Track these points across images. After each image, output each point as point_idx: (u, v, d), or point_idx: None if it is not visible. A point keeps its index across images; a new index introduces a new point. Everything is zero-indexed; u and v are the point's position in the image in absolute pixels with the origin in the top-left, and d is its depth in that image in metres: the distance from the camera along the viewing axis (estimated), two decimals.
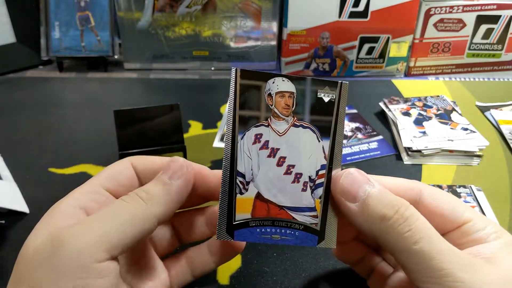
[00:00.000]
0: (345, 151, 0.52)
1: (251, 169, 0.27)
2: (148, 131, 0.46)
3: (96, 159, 0.50)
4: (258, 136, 0.27)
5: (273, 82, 0.27)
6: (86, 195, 0.27)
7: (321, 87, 0.28)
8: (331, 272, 0.36)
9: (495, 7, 0.68)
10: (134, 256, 0.29)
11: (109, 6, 0.70)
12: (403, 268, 0.25)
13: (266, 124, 0.27)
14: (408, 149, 0.51)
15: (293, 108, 0.28)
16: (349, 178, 0.26)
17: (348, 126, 0.56)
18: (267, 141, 0.27)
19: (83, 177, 0.48)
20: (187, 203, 0.29)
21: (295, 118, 0.28)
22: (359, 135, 0.54)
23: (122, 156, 0.46)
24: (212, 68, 0.74)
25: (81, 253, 0.22)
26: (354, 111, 0.59)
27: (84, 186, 0.27)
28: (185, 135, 0.53)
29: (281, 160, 0.27)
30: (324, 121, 0.28)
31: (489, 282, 0.23)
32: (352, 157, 0.51)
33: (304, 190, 0.28)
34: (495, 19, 0.69)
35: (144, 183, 0.29)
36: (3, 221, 0.40)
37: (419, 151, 0.50)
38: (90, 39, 0.71)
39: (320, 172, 0.28)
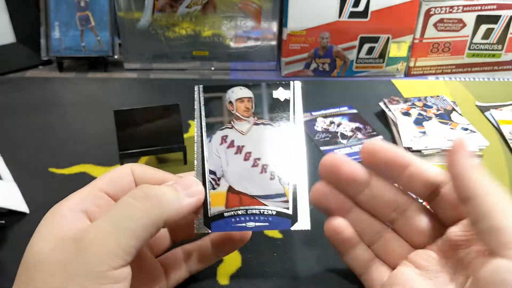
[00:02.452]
0: (345, 151, 0.52)
1: (221, 166, 0.31)
2: (148, 131, 0.46)
3: (96, 159, 0.50)
4: (224, 137, 0.31)
5: (232, 91, 0.32)
6: (86, 198, 0.26)
7: (276, 88, 0.32)
8: (331, 272, 0.36)
9: (495, 7, 0.68)
10: None
11: (109, 6, 0.70)
12: (490, 231, 0.24)
13: (230, 126, 0.31)
14: (408, 149, 0.51)
15: (252, 110, 0.32)
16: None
17: (348, 126, 0.56)
18: (232, 140, 0.31)
19: (83, 177, 0.48)
20: None
21: (256, 118, 0.31)
22: (359, 135, 0.54)
23: (122, 156, 0.46)
24: (212, 68, 0.74)
25: (99, 261, 0.22)
26: (354, 111, 0.59)
27: (84, 190, 0.27)
28: (185, 135, 0.53)
29: (247, 155, 0.31)
30: (282, 116, 0.32)
31: None
32: (352, 157, 0.51)
33: (272, 179, 0.30)
34: (495, 19, 0.69)
35: None
36: (3, 221, 0.40)
37: (419, 151, 0.50)
38: (90, 39, 0.71)
39: (285, 161, 0.31)
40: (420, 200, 0.30)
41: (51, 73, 0.72)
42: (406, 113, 0.56)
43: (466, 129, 0.52)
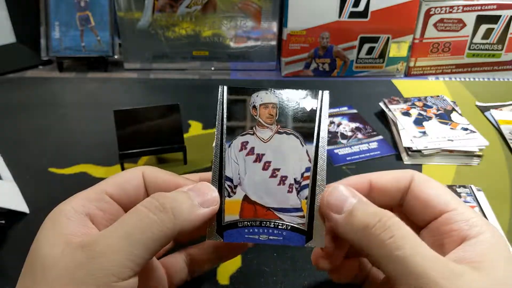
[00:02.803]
0: (345, 151, 0.52)
1: (238, 174, 0.29)
2: (148, 131, 0.46)
3: (96, 159, 0.50)
4: (244, 143, 0.30)
5: (257, 96, 0.30)
6: (90, 201, 0.26)
7: (303, 96, 0.31)
8: None
9: (495, 7, 0.68)
10: None
11: (109, 6, 0.70)
12: (388, 277, 0.24)
13: (252, 132, 0.30)
14: (408, 149, 0.51)
15: (276, 117, 0.30)
16: (335, 192, 0.27)
17: (348, 126, 0.56)
18: (253, 148, 0.30)
19: (83, 177, 0.48)
20: None
21: (279, 126, 0.30)
22: (359, 135, 0.54)
23: (122, 156, 0.46)
24: (212, 68, 0.74)
25: (109, 272, 0.22)
26: (354, 111, 0.59)
27: (89, 191, 0.27)
28: (185, 135, 0.53)
29: (267, 164, 0.29)
30: (307, 127, 0.30)
31: None
32: (352, 157, 0.51)
33: (290, 191, 0.29)
34: (495, 19, 0.69)
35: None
36: (3, 221, 0.40)
37: (419, 151, 0.50)
38: (90, 39, 0.71)
39: (305, 174, 0.29)
40: None
41: (51, 73, 0.72)
42: (406, 113, 0.56)
43: (466, 129, 0.52)
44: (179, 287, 0.32)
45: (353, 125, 0.56)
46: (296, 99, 0.31)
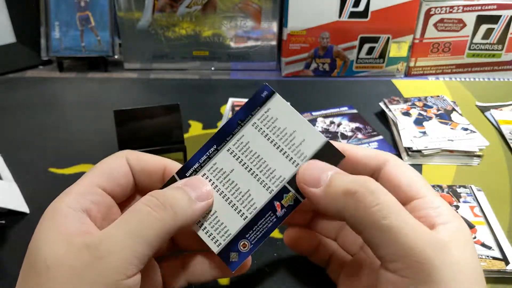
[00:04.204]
0: None
1: None
2: (148, 131, 0.46)
3: (96, 159, 0.49)
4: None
5: None
6: (84, 196, 0.26)
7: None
8: None
9: (495, 7, 0.68)
10: None
11: (109, 6, 0.70)
12: (370, 245, 0.24)
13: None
14: (408, 149, 0.50)
15: None
16: (310, 166, 0.27)
17: (348, 126, 0.56)
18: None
19: None
20: None
21: None
22: (359, 135, 0.54)
23: None
24: (212, 68, 0.74)
25: (116, 270, 0.22)
26: (354, 111, 0.59)
27: (80, 186, 0.27)
28: (185, 135, 0.53)
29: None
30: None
31: (455, 264, 0.22)
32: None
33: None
34: (495, 19, 0.69)
35: (139, 182, 0.29)
36: (3, 221, 0.40)
37: (419, 151, 0.50)
38: (90, 39, 0.71)
39: None
40: None
41: (51, 73, 0.72)
42: (406, 113, 0.56)
43: (466, 129, 0.52)
44: None
45: (353, 125, 0.56)
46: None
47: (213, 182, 0.29)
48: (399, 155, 0.51)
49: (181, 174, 0.29)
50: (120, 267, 0.22)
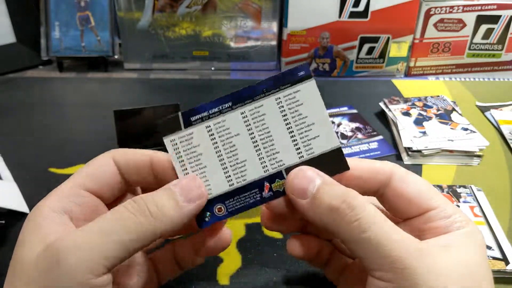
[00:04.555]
0: (345, 151, 0.52)
1: None
2: (148, 131, 0.46)
3: None
4: None
5: None
6: (67, 197, 0.26)
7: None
8: None
9: (495, 7, 0.68)
10: None
11: (109, 6, 0.70)
12: (355, 256, 0.25)
13: None
14: (408, 149, 0.50)
15: None
16: (299, 174, 0.27)
17: (348, 126, 0.56)
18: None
19: None
20: None
21: None
22: (359, 135, 0.54)
23: None
24: (212, 68, 0.74)
25: (80, 270, 0.22)
26: (354, 111, 0.59)
27: (64, 187, 0.27)
28: None
29: None
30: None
31: (439, 269, 0.23)
32: (353, 157, 0.51)
33: None
34: (495, 19, 0.69)
35: (128, 179, 0.28)
36: (3, 221, 0.40)
37: (419, 151, 0.50)
38: (90, 39, 0.71)
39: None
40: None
41: (51, 73, 0.72)
42: (406, 113, 0.56)
43: (466, 129, 0.52)
44: (175, 281, 0.31)
45: (353, 125, 0.56)
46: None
47: (214, 138, 0.28)
48: (399, 155, 0.51)
49: (186, 117, 0.28)
50: (85, 266, 0.22)
